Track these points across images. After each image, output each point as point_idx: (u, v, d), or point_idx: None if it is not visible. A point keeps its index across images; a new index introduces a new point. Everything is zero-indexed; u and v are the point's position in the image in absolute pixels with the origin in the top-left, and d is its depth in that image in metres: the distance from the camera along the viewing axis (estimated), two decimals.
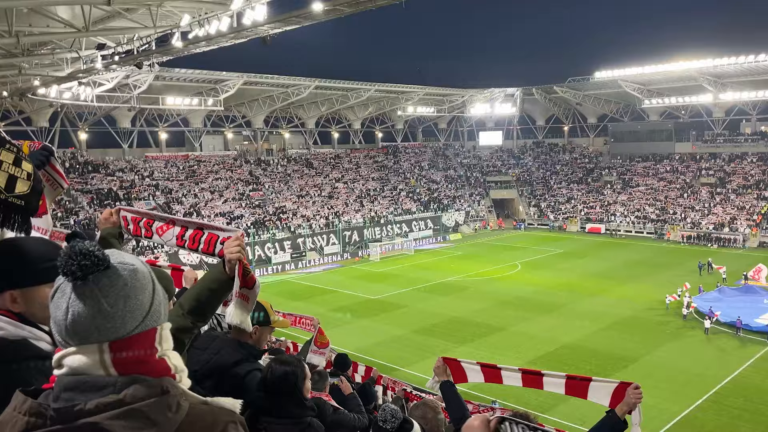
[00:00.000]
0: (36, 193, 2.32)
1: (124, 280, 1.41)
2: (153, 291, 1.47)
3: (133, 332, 1.41)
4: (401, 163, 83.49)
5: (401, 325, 34.90)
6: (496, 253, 58.00)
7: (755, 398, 23.51)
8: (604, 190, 75.67)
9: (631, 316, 35.24)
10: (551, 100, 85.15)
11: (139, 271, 1.46)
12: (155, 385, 1.37)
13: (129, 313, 1.40)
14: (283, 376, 3.30)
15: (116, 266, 1.41)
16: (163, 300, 1.51)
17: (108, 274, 1.39)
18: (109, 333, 1.38)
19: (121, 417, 1.28)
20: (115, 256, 1.44)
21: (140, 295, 1.43)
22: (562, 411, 19.70)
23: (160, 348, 1.45)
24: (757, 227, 59.14)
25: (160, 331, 1.47)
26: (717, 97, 67.98)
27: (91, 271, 1.35)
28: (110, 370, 1.37)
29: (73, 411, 1.30)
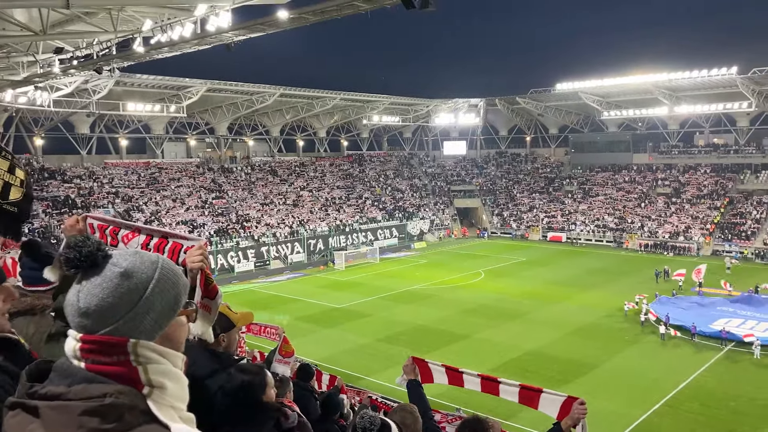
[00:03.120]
0: (28, 200, 2.31)
1: (101, 280, 1.41)
2: (139, 299, 1.43)
3: (103, 332, 1.40)
4: (367, 171, 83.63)
5: (366, 333, 34.84)
6: (460, 262, 58.50)
7: (710, 403, 24.23)
8: (565, 200, 77.22)
9: (591, 322, 35.96)
10: (514, 111, 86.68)
11: (125, 275, 1.43)
12: (106, 390, 1.34)
13: (98, 313, 1.40)
14: (246, 385, 3.27)
15: (104, 266, 1.44)
16: (157, 314, 1.47)
17: (92, 271, 1.43)
18: (81, 327, 1.41)
19: (55, 409, 1.29)
20: (119, 256, 1.46)
21: (115, 298, 1.41)
22: (526, 418, 19.92)
23: (135, 357, 1.41)
24: (710, 236, 61.17)
25: (135, 345, 1.42)
26: (672, 110, 70.29)
27: (74, 264, 1.42)
28: (80, 361, 1.38)
29: (33, 392, 1.34)
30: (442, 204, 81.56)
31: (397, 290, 46.00)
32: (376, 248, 63.56)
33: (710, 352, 30.32)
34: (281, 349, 6.83)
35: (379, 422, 3.94)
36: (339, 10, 18.92)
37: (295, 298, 44.51)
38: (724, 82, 63.18)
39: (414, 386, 4.03)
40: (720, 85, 64.16)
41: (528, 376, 26.47)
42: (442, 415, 5.73)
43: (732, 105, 65.23)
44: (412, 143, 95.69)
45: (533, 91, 79.76)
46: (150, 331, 1.46)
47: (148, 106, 58.31)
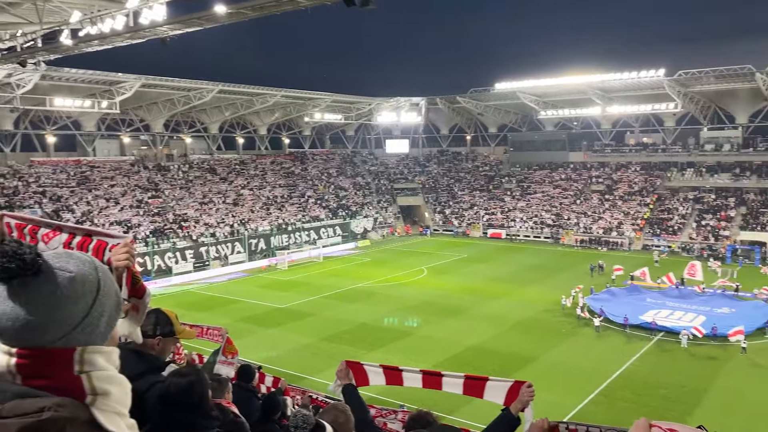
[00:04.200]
0: None
1: (53, 288, 1.28)
2: (93, 302, 1.34)
3: (54, 344, 1.28)
4: (309, 169, 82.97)
5: (310, 333, 34.55)
6: (403, 259, 58.89)
7: (642, 391, 25.31)
8: (505, 197, 79.00)
9: (530, 317, 36.92)
10: (455, 110, 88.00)
11: (78, 279, 1.32)
12: (42, 404, 1.23)
13: (52, 323, 1.28)
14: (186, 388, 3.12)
15: (51, 272, 1.30)
16: (108, 315, 1.38)
17: (37, 279, 1.28)
18: (27, 340, 1.28)
19: None
20: (58, 259, 1.32)
21: (70, 306, 1.30)
22: (467, 411, 20.21)
23: (80, 367, 1.31)
24: (641, 231, 63.98)
25: (82, 353, 1.32)
26: (605, 110, 73.09)
27: (14, 274, 1.27)
28: (15, 377, 1.27)
29: None
30: (386, 202, 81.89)
31: (341, 289, 45.85)
32: (320, 247, 63.18)
33: (641, 342, 31.68)
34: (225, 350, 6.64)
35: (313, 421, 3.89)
36: (278, 5, 18.63)
37: (236, 299, 43.65)
38: (652, 84, 66.19)
39: (350, 391, 3.96)
40: (648, 86, 67.17)
41: (469, 371, 26.84)
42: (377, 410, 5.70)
43: (660, 106, 68.43)
44: (355, 141, 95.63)
45: (473, 90, 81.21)
46: (104, 334, 1.39)
47: (78, 101, 55.78)
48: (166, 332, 3.53)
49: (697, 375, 26.92)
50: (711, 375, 26.89)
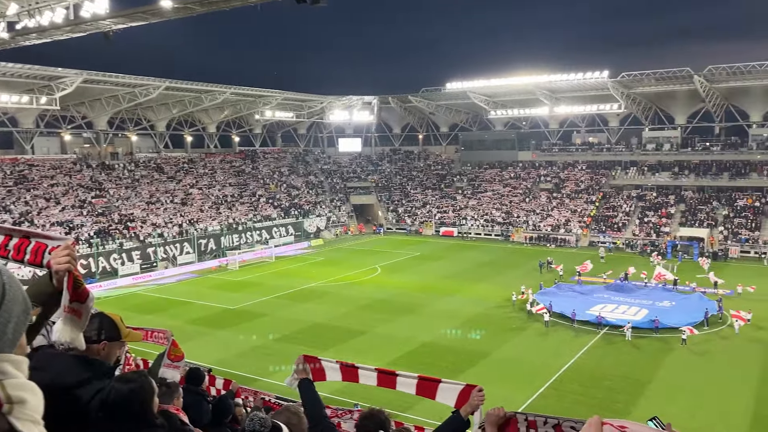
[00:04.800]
0: None
1: None
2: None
3: None
4: (260, 168, 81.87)
5: (262, 334, 34.10)
6: (356, 258, 58.84)
7: (589, 383, 26.07)
8: (456, 196, 79.98)
9: (482, 313, 37.49)
10: (407, 109, 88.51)
11: None
12: None
13: None
14: (129, 394, 2.98)
15: None
16: (15, 321, 1.30)
17: None
18: None
19: None
20: None
21: None
22: (421, 410, 20.36)
23: None
24: (587, 228, 65.89)
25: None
26: (552, 110, 74.92)
27: None
28: None
29: None
30: (339, 201, 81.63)
31: (294, 289, 45.44)
32: (272, 246, 62.44)
33: (588, 336, 32.62)
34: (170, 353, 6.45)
35: (270, 424, 3.83)
36: (227, 1, 18.29)
37: (186, 301, 42.66)
38: (597, 85, 68.24)
39: (306, 386, 3.92)
40: (593, 87, 69.22)
41: (423, 368, 27.09)
42: (332, 410, 5.67)
43: (604, 106, 70.62)
44: (307, 139, 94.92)
45: (425, 90, 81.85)
46: (12, 341, 1.31)
47: (15, 97, 53.25)
48: (111, 336, 3.38)
49: (640, 366, 27.91)
50: (653, 366, 27.92)
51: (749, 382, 25.57)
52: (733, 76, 61.80)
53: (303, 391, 3.90)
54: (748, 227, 59.16)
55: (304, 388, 3.90)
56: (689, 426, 21.02)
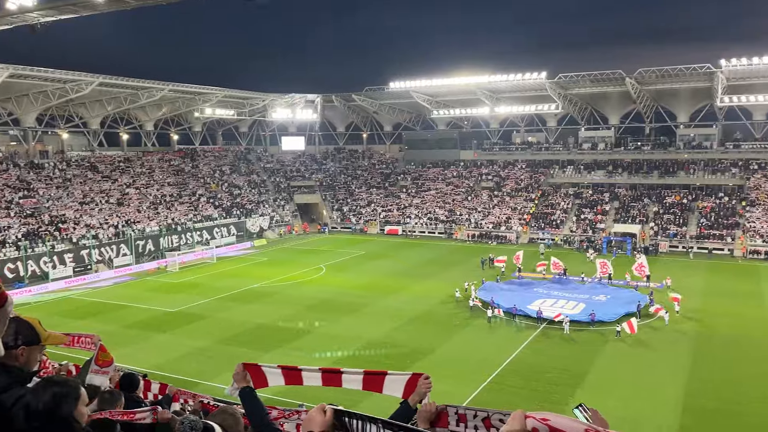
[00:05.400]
0: None
1: None
2: None
3: None
4: (200, 167, 79.90)
5: (204, 336, 33.28)
6: (301, 258, 58.31)
7: (530, 376, 26.73)
8: (400, 194, 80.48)
9: (426, 310, 37.85)
10: (350, 107, 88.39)
11: None
12: None
13: None
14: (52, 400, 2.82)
15: None
16: None
17: None
18: None
19: None
20: None
21: None
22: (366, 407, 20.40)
23: None
24: (527, 225, 67.62)
25: None
26: (493, 110, 76.45)
27: None
28: None
29: None
30: (282, 200, 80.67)
31: (237, 290, 44.59)
32: (213, 247, 61.06)
33: (529, 330, 33.47)
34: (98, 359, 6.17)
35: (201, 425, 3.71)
36: None
37: (123, 304, 41.15)
38: (535, 86, 70.09)
39: (247, 394, 3.82)
40: (532, 88, 71.06)
41: (369, 366, 27.04)
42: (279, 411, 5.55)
43: (542, 106, 72.62)
44: (249, 138, 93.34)
45: (368, 89, 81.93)
46: None
47: None
48: (29, 341, 3.20)
49: (578, 359, 28.84)
50: (590, 358, 28.92)
51: (679, 371, 26.85)
52: (662, 79, 64.78)
53: (244, 399, 3.80)
54: (676, 223, 62.15)
55: (246, 397, 3.80)
56: (624, 415, 21.88)
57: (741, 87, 62.45)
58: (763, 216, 59.12)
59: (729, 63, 57.78)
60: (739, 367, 27.09)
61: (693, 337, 31.78)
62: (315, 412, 2.94)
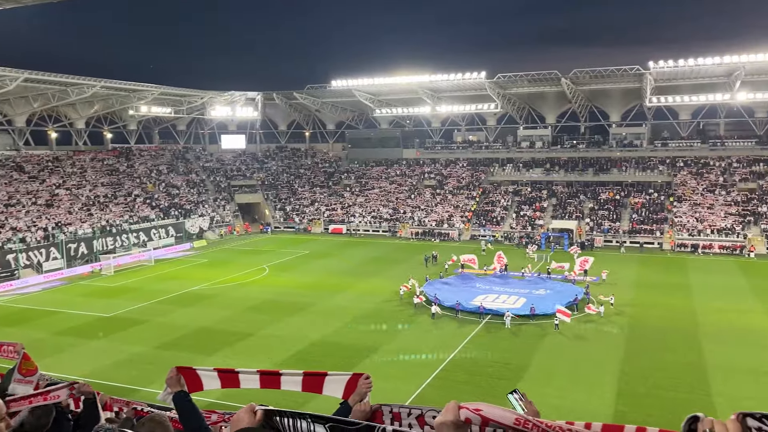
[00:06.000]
0: None
1: None
2: None
3: None
4: (136, 166, 77.23)
5: (142, 341, 32.17)
6: (243, 258, 57.28)
7: (473, 370, 27.19)
8: (344, 193, 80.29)
9: (371, 308, 37.90)
10: (292, 105, 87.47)
11: None
12: None
13: None
14: None
15: None
16: None
17: None
18: None
19: None
20: None
21: None
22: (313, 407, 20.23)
23: None
24: (469, 222, 68.79)
25: None
26: (434, 109, 77.32)
27: None
28: None
29: None
30: (223, 200, 78.98)
31: (176, 293, 43.34)
32: (151, 249, 59.14)
33: (471, 325, 34.04)
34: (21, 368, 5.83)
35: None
36: None
37: (54, 310, 39.28)
38: (475, 85, 71.33)
39: (181, 398, 3.69)
40: (472, 87, 72.28)
41: (314, 366, 26.91)
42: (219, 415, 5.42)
43: (482, 106, 73.99)
44: (187, 136, 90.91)
45: (310, 87, 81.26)
46: None
47: None
48: None
49: (519, 352, 29.55)
50: (530, 351, 29.68)
51: (614, 360, 27.93)
52: (595, 79, 67.20)
53: (178, 404, 3.67)
54: (610, 218, 64.65)
55: (179, 401, 3.67)
56: (561, 404, 22.59)
57: (668, 88, 65.57)
58: (689, 211, 62.29)
59: (656, 65, 60.51)
60: (668, 356, 28.43)
61: (626, 328, 33.13)
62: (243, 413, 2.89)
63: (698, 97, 64.46)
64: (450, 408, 2.21)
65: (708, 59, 58.61)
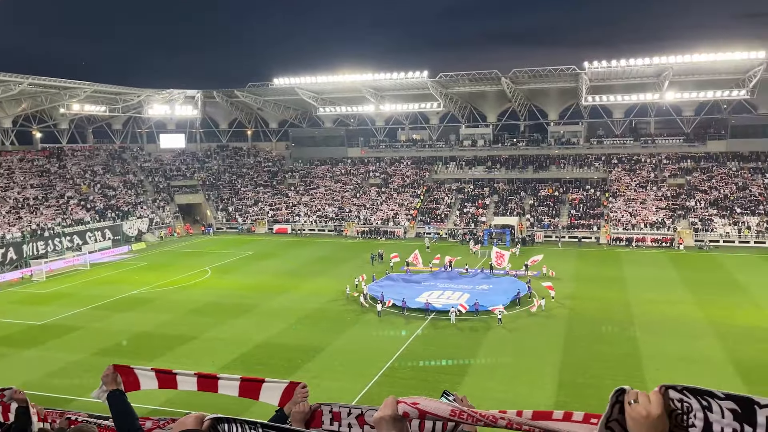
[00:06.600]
0: None
1: None
2: None
3: None
4: (69, 167, 74.04)
5: (77, 349, 30.90)
6: (184, 260, 55.84)
7: (419, 366, 27.48)
8: (289, 193, 79.47)
9: (317, 308, 37.70)
10: (233, 104, 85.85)
11: None
12: None
13: None
14: None
15: None
16: None
17: None
18: None
19: None
20: None
21: None
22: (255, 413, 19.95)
23: None
24: (414, 220, 69.41)
25: None
26: (378, 108, 77.53)
27: None
28: None
29: None
30: (162, 201, 76.73)
31: (114, 297, 41.85)
32: (86, 253, 56.82)
33: (418, 322, 34.38)
34: None
35: None
36: None
37: None
38: (418, 84, 71.94)
39: (116, 397, 3.59)
40: (415, 86, 72.88)
41: (259, 368, 26.60)
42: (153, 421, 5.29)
43: (425, 105, 74.74)
44: (124, 135, 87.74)
45: (251, 84, 79.95)
46: None
47: None
48: None
49: (464, 347, 30.06)
50: (475, 346, 30.25)
51: (554, 352, 28.82)
52: (534, 79, 68.98)
53: (112, 403, 3.57)
54: (549, 214, 66.59)
55: (114, 400, 3.56)
56: (505, 397, 23.14)
57: (602, 87, 68.05)
58: (623, 206, 64.90)
59: (591, 65, 62.67)
60: (605, 347, 29.55)
61: (565, 321, 34.22)
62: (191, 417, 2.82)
63: (630, 97, 67.22)
64: (388, 403, 2.26)
65: (639, 60, 61.16)
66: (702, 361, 27.13)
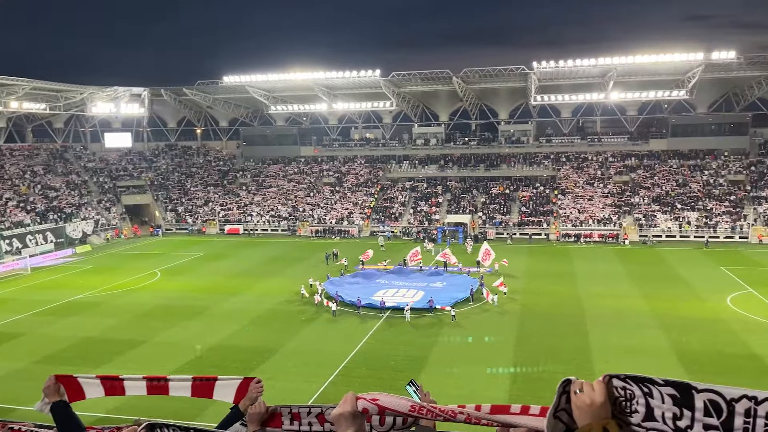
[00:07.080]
0: None
1: None
2: None
3: None
4: (6, 167, 70.82)
5: (18, 357, 29.57)
6: (132, 263, 54.21)
7: (375, 365, 27.46)
8: (240, 192, 78.22)
9: (270, 309, 37.21)
10: (182, 102, 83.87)
11: None
12: None
13: None
14: None
15: None
16: None
17: None
18: None
19: None
20: None
21: None
22: (209, 415, 19.49)
23: None
24: (368, 219, 69.40)
25: None
26: (331, 107, 77.19)
27: None
28: None
29: None
30: (108, 202, 74.29)
31: (57, 302, 40.24)
32: (27, 257, 54.46)
33: (373, 320, 34.37)
34: None
35: None
36: None
37: None
38: (370, 83, 71.97)
39: (60, 408, 3.40)
40: (368, 85, 72.88)
41: (212, 371, 26.01)
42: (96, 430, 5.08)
43: (378, 104, 74.86)
44: (66, 134, 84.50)
45: (200, 82, 78.32)
46: None
47: None
48: None
49: (419, 344, 30.23)
50: (430, 343, 30.45)
51: (508, 347, 29.31)
52: (484, 78, 70.01)
53: (56, 414, 3.38)
54: (501, 212, 67.73)
55: (58, 412, 3.38)
56: (460, 393, 23.37)
57: (550, 87, 69.64)
58: (571, 203, 66.62)
59: (540, 65, 64.05)
60: (557, 340, 30.25)
61: (518, 316, 34.85)
62: None
63: (577, 96, 69.07)
64: (347, 399, 2.24)
65: (585, 60, 62.88)
66: (648, 352, 28.09)
